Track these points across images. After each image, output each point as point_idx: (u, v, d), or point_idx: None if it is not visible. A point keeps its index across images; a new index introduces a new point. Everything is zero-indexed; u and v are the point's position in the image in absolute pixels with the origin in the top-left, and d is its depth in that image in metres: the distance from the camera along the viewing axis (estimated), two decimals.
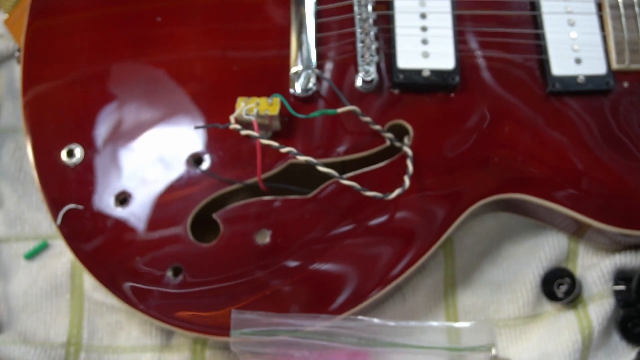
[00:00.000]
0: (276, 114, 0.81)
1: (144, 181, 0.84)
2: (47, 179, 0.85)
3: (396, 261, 0.83)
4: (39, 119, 0.87)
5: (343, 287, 0.82)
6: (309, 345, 0.80)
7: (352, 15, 0.88)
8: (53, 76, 0.88)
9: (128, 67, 0.88)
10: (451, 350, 0.82)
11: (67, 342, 0.90)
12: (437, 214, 0.84)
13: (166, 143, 0.85)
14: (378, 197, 0.80)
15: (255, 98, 0.81)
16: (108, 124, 0.86)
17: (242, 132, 0.80)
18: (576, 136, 0.86)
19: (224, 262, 0.82)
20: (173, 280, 0.82)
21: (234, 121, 0.81)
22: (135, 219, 0.83)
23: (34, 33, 0.89)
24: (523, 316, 0.91)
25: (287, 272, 0.82)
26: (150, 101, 0.87)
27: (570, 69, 0.87)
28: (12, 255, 0.94)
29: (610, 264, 0.90)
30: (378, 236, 0.83)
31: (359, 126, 0.85)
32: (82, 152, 0.85)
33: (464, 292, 0.92)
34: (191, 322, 0.81)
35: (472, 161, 0.84)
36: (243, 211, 0.83)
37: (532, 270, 0.91)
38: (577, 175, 0.85)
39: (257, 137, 0.80)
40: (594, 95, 0.88)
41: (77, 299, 0.91)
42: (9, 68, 1.02)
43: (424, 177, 0.84)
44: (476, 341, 0.82)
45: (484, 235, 0.93)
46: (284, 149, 0.79)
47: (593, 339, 0.88)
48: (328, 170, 0.78)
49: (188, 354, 0.89)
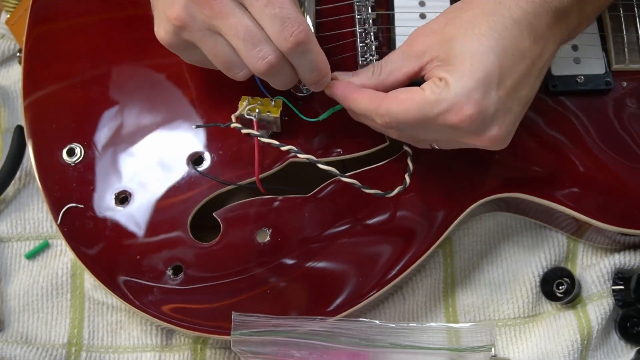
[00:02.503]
0: (277, 117, 0.81)
1: (144, 181, 0.84)
2: (47, 178, 0.85)
3: (396, 260, 0.83)
4: (40, 119, 0.87)
5: (342, 286, 0.82)
6: (309, 345, 0.80)
7: (352, 15, 0.88)
8: (54, 77, 0.88)
9: (129, 68, 0.88)
10: (451, 350, 0.82)
11: (68, 342, 0.90)
12: (437, 213, 0.84)
13: (166, 143, 0.86)
14: (379, 195, 0.80)
15: (258, 98, 0.81)
16: (109, 124, 0.86)
17: (243, 131, 0.80)
18: (575, 136, 0.86)
19: (224, 261, 0.82)
20: (173, 279, 0.82)
21: (235, 120, 0.81)
22: (135, 218, 0.83)
23: (35, 34, 0.90)
24: (522, 316, 0.91)
25: (287, 270, 0.82)
26: (151, 102, 0.87)
27: (570, 69, 0.87)
28: (13, 255, 0.94)
29: (609, 263, 0.90)
30: (378, 235, 0.83)
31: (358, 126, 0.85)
32: (83, 151, 0.85)
33: (464, 292, 0.92)
34: (191, 321, 0.81)
35: (471, 160, 0.85)
36: (243, 210, 0.83)
37: (531, 270, 0.91)
38: (577, 175, 0.85)
39: (257, 136, 0.80)
40: (594, 95, 0.88)
41: (77, 299, 0.91)
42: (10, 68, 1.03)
43: (423, 177, 0.84)
44: (476, 342, 0.82)
45: (483, 235, 0.93)
46: (284, 147, 0.79)
47: (592, 338, 0.88)
48: (329, 168, 0.78)
49: (188, 354, 0.89)
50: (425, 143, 0.79)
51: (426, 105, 0.71)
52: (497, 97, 0.70)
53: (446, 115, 0.71)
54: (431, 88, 0.71)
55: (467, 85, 0.70)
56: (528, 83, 0.73)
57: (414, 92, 0.72)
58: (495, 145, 0.74)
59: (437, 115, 0.71)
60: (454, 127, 0.71)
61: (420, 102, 0.71)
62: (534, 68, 0.73)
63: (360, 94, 0.76)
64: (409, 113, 0.72)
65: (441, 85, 0.71)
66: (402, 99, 0.73)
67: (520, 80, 0.72)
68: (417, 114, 0.71)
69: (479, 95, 0.70)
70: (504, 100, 0.71)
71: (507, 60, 0.71)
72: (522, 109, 0.74)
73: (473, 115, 0.70)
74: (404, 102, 0.72)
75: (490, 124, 0.71)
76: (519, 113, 0.74)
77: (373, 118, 0.75)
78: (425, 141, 0.78)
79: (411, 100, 0.72)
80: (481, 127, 0.71)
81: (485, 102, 0.70)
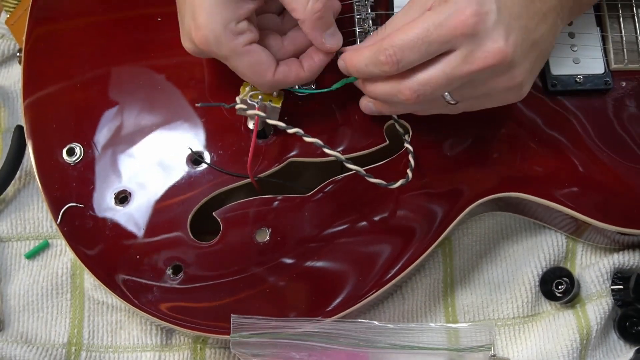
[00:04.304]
0: (279, 107, 0.81)
1: (144, 180, 0.84)
2: (47, 177, 0.85)
3: (395, 259, 0.83)
4: (40, 119, 0.87)
5: (342, 285, 0.82)
6: (309, 347, 0.80)
7: (351, 15, 0.88)
8: (54, 77, 0.88)
9: (128, 67, 0.88)
10: (450, 350, 0.82)
11: (68, 342, 0.90)
12: (437, 212, 0.84)
13: (166, 142, 0.86)
14: (382, 185, 0.80)
15: None
16: (108, 124, 0.86)
17: (248, 112, 0.80)
18: (574, 135, 0.86)
19: (224, 260, 0.82)
20: (173, 278, 0.82)
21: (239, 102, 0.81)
22: (135, 218, 0.83)
23: (35, 34, 0.89)
24: (522, 316, 0.91)
25: (287, 269, 0.82)
26: (151, 101, 0.87)
27: (569, 68, 0.88)
28: (13, 255, 0.94)
29: (608, 263, 0.90)
30: (377, 234, 0.83)
31: (358, 125, 0.85)
32: (82, 151, 0.85)
33: (463, 292, 0.92)
34: (191, 320, 0.81)
35: (471, 160, 0.85)
36: (243, 209, 0.83)
37: (530, 270, 0.91)
38: (576, 174, 0.85)
39: (264, 117, 0.79)
40: (593, 94, 0.88)
41: (77, 299, 0.92)
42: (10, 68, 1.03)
43: (423, 176, 0.84)
44: (475, 342, 0.82)
45: (482, 235, 0.93)
46: (291, 130, 0.79)
47: (591, 338, 0.88)
48: (334, 153, 0.78)
49: (188, 354, 0.89)
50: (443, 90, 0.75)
51: (428, 18, 0.71)
52: (497, 7, 0.70)
53: (449, 21, 0.70)
54: (432, 6, 0.72)
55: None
56: (530, 16, 0.73)
57: (415, 18, 0.72)
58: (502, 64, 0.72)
59: (440, 24, 0.70)
60: (457, 32, 0.70)
61: (422, 19, 0.71)
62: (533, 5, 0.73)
63: (362, 48, 0.76)
64: (412, 32, 0.71)
65: (440, 2, 0.71)
66: (403, 27, 0.72)
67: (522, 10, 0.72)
68: (421, 30, 0.70)
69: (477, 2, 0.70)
70: (505, 14, 0.71)
71: None
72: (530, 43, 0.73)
73: (473, 14, 0.70)
74: (406, 27, 0.72)
75: (491, 32, 0.70)
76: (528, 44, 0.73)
77: (379, 59, 0.73)
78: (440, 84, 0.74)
79: (413, 22, 0.71)
80: (483, 34, 0.70)
81: (484, 7, 0.70)
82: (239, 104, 0.80)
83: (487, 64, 0.71)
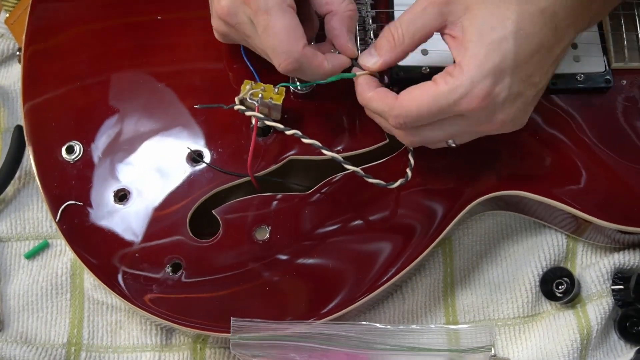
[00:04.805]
0: (280, 104, 0.81)
1: (143, 179, 0.85)
2: (47, 175, 0.85)
3: (395, 258, 0.83)
4: (40, 116, 0.87)
5: (342, 283, 0.82)
6: (309, 348, 0.80)
7: None
8: (53, 75, 0.88)
9: (128, 67, 0.89)
10: (451, 351, 0.82)
11: (68, 342, 0.90)
12: (436, 211, 0.84)
13: (165, 141, 0.86)
14: (381, 185, 0.80)
15: (261, 84, 0.81)
16: (108, 122, 0.86)
17: (247, 113, 0.80)
18: (575, 133, 0.86)
19: (224, 258, 0.82)
20: (172, 276, 0.82)
21: (238, 102, 0.81)
22: (134, 216, 0.84)
23: (34, 33, 0.90)
24: (522, 316, 0.91)
25: (287, 267, 0.82)
26: (150, 100, 0.87)
27: (570, 67, 0.88)
28: (12, 255, 0.94)
29: (608, 263, 0.90)
30: (377, 233, 0.84)
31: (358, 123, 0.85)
32: (82, 149, 0.85)
33: (463, 292, 0.92)
34: (191, 319, 0.81)
35: (471, 158, 0.85)
36: (242, 207, 0.83)
37: (531, 270, 0.91)
38: (576, 172, 0.85)
39: (261, 118, 0.80)
40: (593, 93, 0.88)
41: (77, 299, 0.92)
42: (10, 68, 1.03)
43: (423, 175, 0.84)
44: (475, 342, 0.82)
45: (482, 235, 0.93)
46: (289, 131, 0.79)
47: (592, 338, 0.88)
48: (332, 154, 0.78)
49: (188, 353, 0.89)
50: (441, 142, 0.78)
51: (440, 95, 0.71)
52: (510, 83, 0.70)
53: (461, 102, 0.70)
54: (444, 79, 0.71)
55: (482, 71, 0.70)
56: (542, 70, 0.73)
57: (426, 87, 0.72)
58: (505, 128, 0.75)
59: (453, 104, 0.71)
60: (468, 113, 0.71)
61: (434, 94, 0.71)
62: (550, 56, 0.73)
63: (374, 94, 0.76)
64: (423, 107, 0.72)
65: (454, 73, 0.71)
66: (415, 96, 0.73)
67: (536, 68, 0.72)
68: (433, 106, 0.71)
69: (492, 82, 0.70)
70: (517, 85, 0.71)
71: (525, 48, 0.71)
72: (535, 93, 0.74)
73: (485, 100, 0.70)
74: (418, 98, 0.72)
75: (500, 109, 0.72)
76: (531, 97, 0.74)
77: (387, 119, 0.75)
78: (440, 139, 0.78)
79: (425, 94, 0.72)
80: (491, 113, 0.72)
81: (497, 89, 0.70)
82: (238, 105, 0.80)
83: (490, 129, 0.75)
